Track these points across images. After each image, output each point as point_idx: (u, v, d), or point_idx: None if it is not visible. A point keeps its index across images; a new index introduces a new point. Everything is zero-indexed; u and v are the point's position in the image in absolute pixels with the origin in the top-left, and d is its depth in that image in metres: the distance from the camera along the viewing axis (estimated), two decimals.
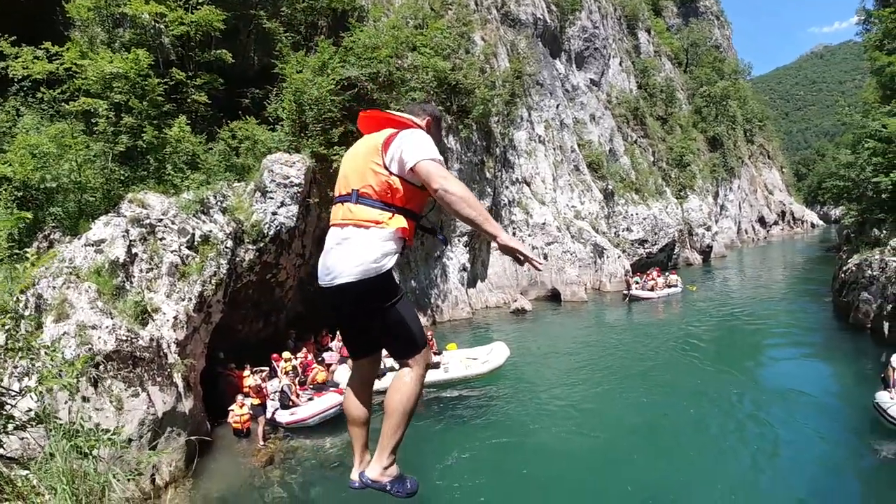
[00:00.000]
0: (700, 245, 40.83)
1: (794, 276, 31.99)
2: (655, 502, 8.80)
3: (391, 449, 2.66)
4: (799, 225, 63.59)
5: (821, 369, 15.28)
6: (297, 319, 16.78)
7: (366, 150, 2.48)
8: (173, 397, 8.82)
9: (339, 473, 9.89)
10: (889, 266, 15.76)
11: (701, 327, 21.29)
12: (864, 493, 9.14)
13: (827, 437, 10.86)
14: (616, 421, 12.29)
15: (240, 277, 12.42)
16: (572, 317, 24.95)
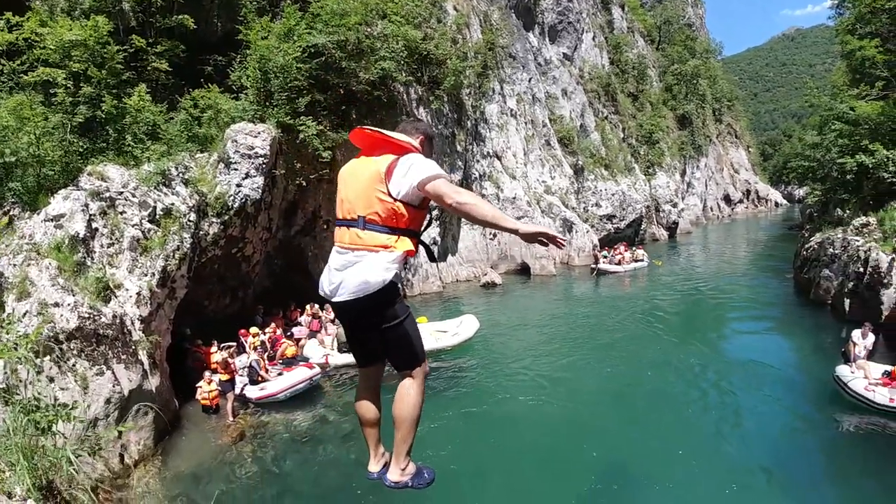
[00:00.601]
0: (666, 221, 41.75)
1: (757, 253, 33.05)
2: (620, 468, 9.13)
3: (405, 453, 2.91)
4: (763, 203, 65.36)
5: (782, 343, 15.94)
6: (264, 294, 16.62)
7: (369, 178, 2.61)
8: (139, 375, 8.69)
9: (310, 447, 10.03)
10: (851, 245, 16.34)
11: (666, 300, 21.96)
12: (824, 462, 9.55)
13: (788, 408, 11.36)
14: (583, 391, 12.67)
15: (204, 252, 12.18)
16: (541, 290, 25.38)
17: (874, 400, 10.33)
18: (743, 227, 48.47)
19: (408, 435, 2.87)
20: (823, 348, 14.53)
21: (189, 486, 8.36)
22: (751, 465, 9.06)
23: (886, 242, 14.90)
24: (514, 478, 8.74)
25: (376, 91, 18.72)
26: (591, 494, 8.32)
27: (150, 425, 8.99)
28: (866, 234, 16.07)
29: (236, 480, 8.82)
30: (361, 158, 2.77)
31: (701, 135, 51.17)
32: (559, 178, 32.19)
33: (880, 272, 14.30)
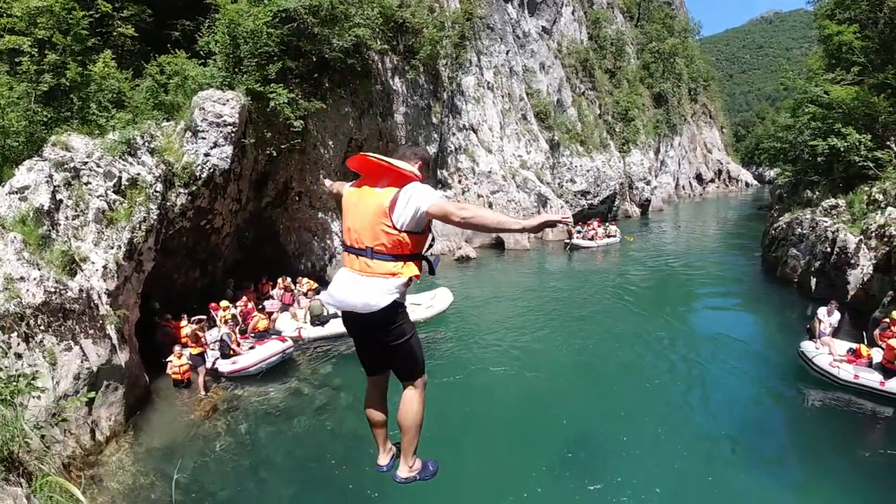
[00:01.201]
0: (639, 198, 42.38)
1: (727, 232, 33.85)
2: (590, 436, 9.46)
3: (412, 453, 3.28)
4: (734, 184, 66.66)
5: (748, 318, 16.47)
6: (235, 267, 16.42)
7: (374, 213, 2.78)
8: (107, 350, 8.54)
9: (284, 420, 10.09)
10: (819, 225, 16.80)
11: (637, 276, 22.46)
12: (788, 435, 9.91)
13: (754, 381, 11.78)
14: (555, 362, 12.97)
15: (172, 223, 11.91)
16: (515, 264, 25.68)
17: (839, 376, 10.67)
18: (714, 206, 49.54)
19: (413, 439, 3.23)
20: (789, 325, 15.06)
21: (162, 461, 8.34)
22: (716, 435, 9.41)
23: (854, 224, 15.39)
24: (487, 446, 8.94)
25: (350, 59, 18.38)
26: (561, 461, 8.60)
27: (121, 401, 8.88)
28: (835, 216, 16.57)
29: (210, 454, 8.83)
30: (364, 189, 2.92)
31: (676, 114, 51.69)
32: (535, 152, 32.26)
33: (847, 253, 14.81)
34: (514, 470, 8.20)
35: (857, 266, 14.45)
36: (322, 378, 12.13)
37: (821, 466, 8.47)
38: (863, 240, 14.55)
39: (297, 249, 19.89)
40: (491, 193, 29.11)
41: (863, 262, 14.33)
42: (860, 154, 16.96)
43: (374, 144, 22.07)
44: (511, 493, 7.61)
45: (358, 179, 3.02)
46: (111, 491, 7.38)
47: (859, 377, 10.48)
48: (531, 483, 7.91)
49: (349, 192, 3.01)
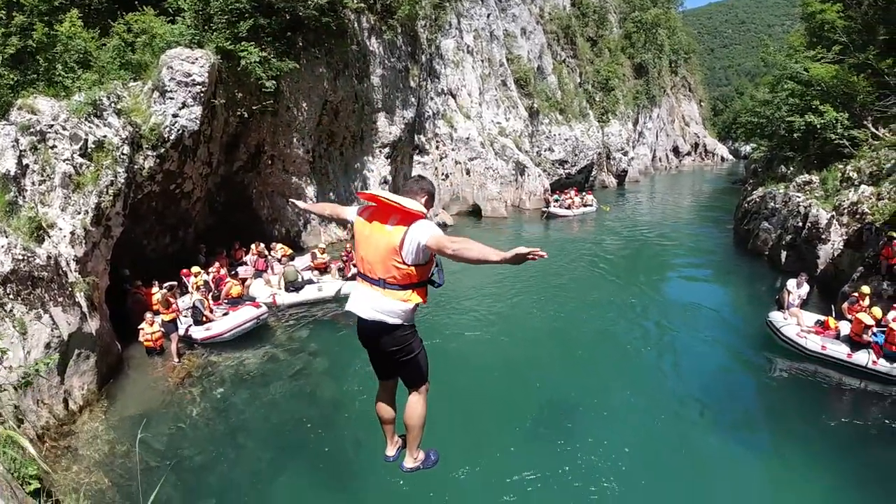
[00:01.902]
0: (616, 169, 42.70)
1: (701, 204, 34.43)
2: (562, 399, 9.75)
3: (416, 447, 3.78)
4: (710, 157, 67.39)
5: (719, 288, 16.94)
6: (207, 233, 16.17)
7: (385, 251, 3.16)
8: (77, 318, 8.41)
9: (259, 386, 10.13)
10: (792, 200, 17.21)
11: (612, 245, 22.90)
12: (755, 401, 10.31)
13: (722, 348, 12.20)
14: (530, 328, 13.28)
15: (140, 187, 11.62)
16: (492, 232, 25.87)
17: (806, 346, 11.09)
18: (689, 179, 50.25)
19: (417, 436, 3.72)
20: (758, 296, 15.56)
21: (137, 429, 8.26)
22: (686, 399, 9.78)
23: (827, 201, 15.80)
24: (461, 409, 9.06)
25: (325, 17, 17.91)
26: (534, 423, 8.90)
27: (93, 369, 8.80)
28: (808, 192, 16.99)
29: (185, 421, 8.85)
30: (375, 224, 3.23)
31: (656, 85, 51.71)
32: (514, 120, 32.10)
33: (818, 228, 15.25)
34: (487, 432, 8.41)
35: (827, 241, 14.92)
36: (297, 344, 12.18)
37: (786, 433, 8.84)
38: (835, 216, 14.99)
39: (270, 215, 19.65)
40: (469, 160, 29.02)
41: (834, 238, 14.80)
42: (836, 132, 17.27)
43: (349, 107, 21.70)
44: (485, 453, 7.84)
45: (367, 209, 3.34)
46: (86, 460, 7.37)
47: (827, 348, 10.86)
48: (504, 444, 8.16)
49: (360, 224, 3.32)
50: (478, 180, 29.37)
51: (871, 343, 10.46)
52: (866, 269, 12.75)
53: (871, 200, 14.24)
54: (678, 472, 7.78)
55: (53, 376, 7.80)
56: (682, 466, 7.92)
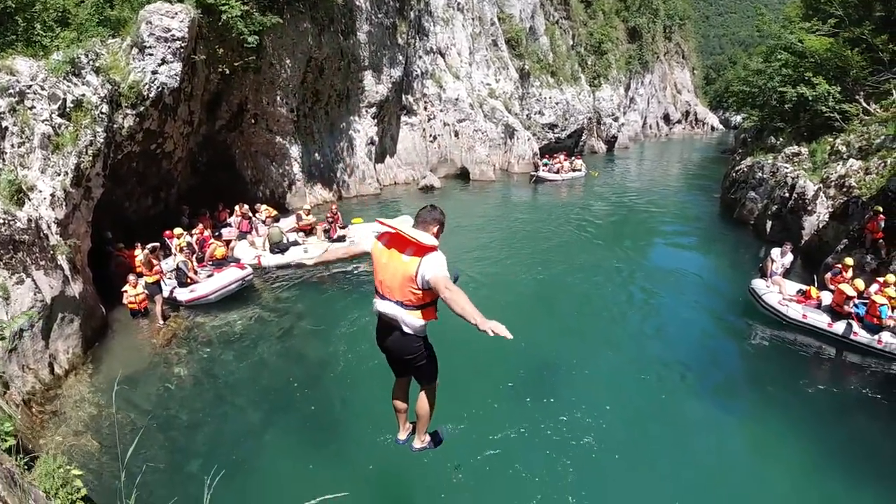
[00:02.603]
0: (606, 134, 42.57)
1: (689, 173, 34.58)
2: (546, 359, 9.98)
3: (424, 431, 4.54)
4: (700, 126, 67.25)
5: (704, 255, 17.21)
6: (189, 194, 16.00)
7: (402, 279, 3.68)
8: (60, 281, 8.37)
9: (245, 347, 10.23)
10: (780, 171, 17.44)
11: (600, 210, 23.10)
12: (735, 366, 10.54)
13: (706, 314, 12.51)
14: (516, 289, 13.52)
15: (120, 147, 11.40)
16: (480, 195, 25.93)
17: (787, 314, 11.36)
18: (678, 147, 50.29)
19: (425, 423, 4.45)
20: (742, 264, 15.89)
21: (123, 392, 8.30)
22: (667, 361, 10.07)
23: (815, 173, 16.03)
24: (445, 367, 9.21)
25: None
26: (517, 382, 9.10)
27: (77, 332, 8.82)
28: (796, 163, 17.20)
29: (171, 382, 8.94)
30: (393, 252, 3.75)
31: (649, 50, 51.12)
32: (504, 81, 31.70)
33: (805, 199, 15.50)
34: (472, 390, 8.54)
35: (813, 213, 15.18)
36: (283, 305, 12.25)
37: (764, 398, 9.14)
38: (822, 188, 15.21)
39: (254, 175, 19.44)
40: (457, 122, 28.75)
41: (819, 210, 15.05)
42: (828, 105, 17.37)
43: (334, 64, 21.28)
44: (469, 411, 8.02)
45: (385, 235, 3.85)
46: (73, 424, 7.44)
47: (807, 317, 11.15)
48: (488, 402, 8.37)
49: (379, 251, 3.84)
50: (466, 143, 29.18)
51: (851, 314, 10.74)
52: (850, 241, 13.03)
53: (859, 175, 14.46)
54: (658, 432, 8.07)
55: (38, 341, 7.81)
56: (662, 426, 8.21)
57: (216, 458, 7.03)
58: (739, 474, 7.26)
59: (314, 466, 6.88)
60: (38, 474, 2.90)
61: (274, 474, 6.84)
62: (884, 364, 10.18)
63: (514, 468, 6.94)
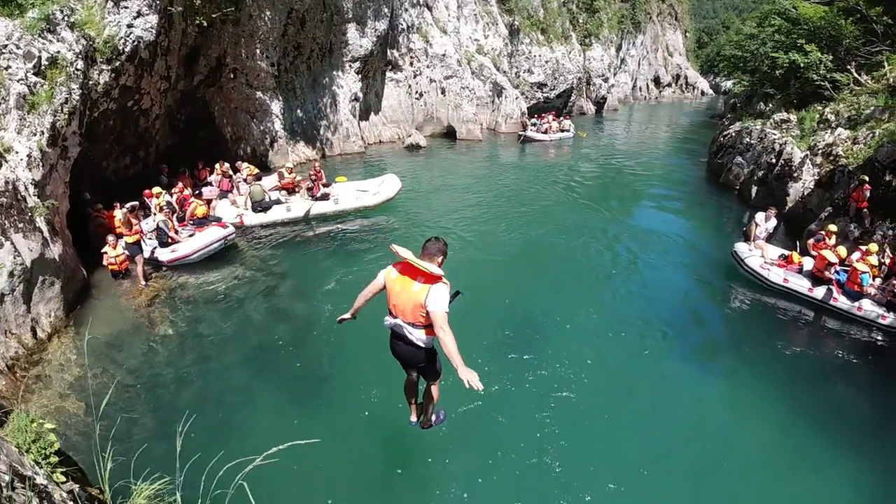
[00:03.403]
0: (596, 95, 42.20)
1: (677, 136, 34.57)
2: (529, 315, 10.24)
3: (430, 413, 5.53)
4: (690, 90, 66.67)
5: (688, 218, 17.43)
6: (169, 153, 15.77)
7: (414, 305, 4.38)
8: (39, 243, 8.31)
9: (229, 306, 10.31)
10: (767, 137, 17.60)
11: (587, 171, 23.25)
12: (715, 327, 10.81)
13: (688, 275, 12.83)
14: (502, 248, 13.73)
15: (95, 105, 11.14)
16: (467, 154, 25.82)
17: (768, 278, 11.65)
18: (667, 111, 50.08)
19: (432, 409, 5.48)
20: (725, 228, 16.24)
21: (107, 354, 8.45)
22: (649, 319, 10.38)
23: (802, 140, 16.19)
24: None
25: None
26: (501, 337, 9.34)
27: (59, 296, 8.81)
28: (784, 130, 17.35)
29: (155, 343, 9.01)
30: (405, 280, 4.43)
31: (642, 10, 50.23)
32: (493, 37, 31.13)
33: (791, 166, 15.71)
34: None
35: (799, 180, 15.41)
36: (266, 264, 12.30)
37: (743, 358, 9.44)
38: (809, 156, 15.40)
39: (234, 133, 19.16)
40: (444, 79, 28.34)
41: (805, 177, 15.28)
42: (819, 73, 17.45)
43: (316, 16, 20.75)
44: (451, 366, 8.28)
45: (399, 264, 4.51)
46: (58, 387, 7.51)
47: (788, 281, 11.44)
48: (472, 356, 8.32)
49: (393, 279, 4.52)
50: (453, 100, 28.84)
51: (832, 280, 11.00)
52: (834, 210, 13.30)
53: (847, 144, 14.64)
54: (638, 387, 8.39)
55: (19, 305, 7.81)
56: (642, 381, 8.53)
57: (201, 414, 7.12)
58: (716, 429, 7.59)
59: (299, 421, 7.07)
60: (10, 429, 2.93)
61: (259, 429, 7.00)
62: (862, 331, 10.50)
63: (497, 420, 7.22)
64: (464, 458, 6.50)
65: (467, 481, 6.33)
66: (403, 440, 6.94)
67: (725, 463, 6.89)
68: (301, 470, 6.24)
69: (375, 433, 7.05)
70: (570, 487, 6.32)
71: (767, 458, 7.05)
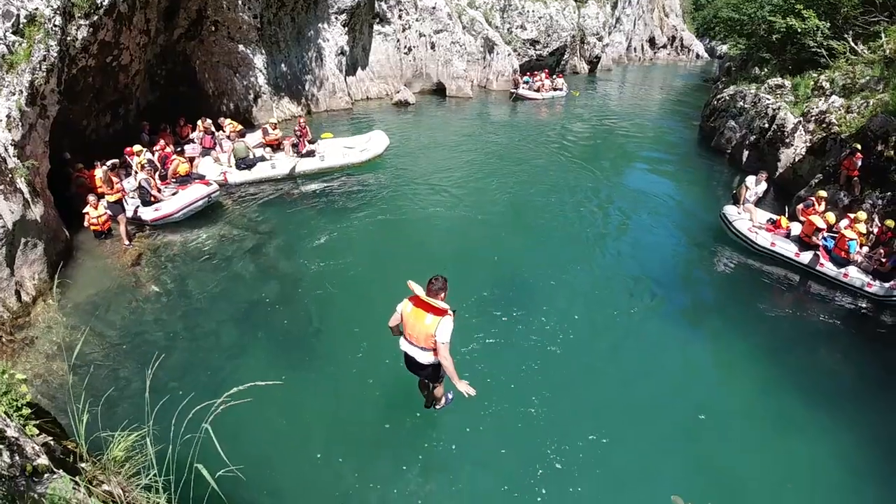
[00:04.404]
0: (589, 54, 41.55)
1: (670, 99, 34.37)
2: (518, 272, 10.54)
3: (441, 398, 6.58)
4: (685, 53, 65.48)
5: (679, 180, 17.64)
6: (150, 111, 15.54)
7: (425, 334, 5.43)
8: (20, 205, 8.29)
9: (214, 265, 10.44)
10: (761, 101, 17.63)
11: (578, 131, 23.28)
12: (701, 287, 11.19)
13: (677, 236, 13.12)
14: (490, 206, 13.95)
15: (74, 61, 10.92)
16: (456, 112, 25.70)
17: (756, 241, 11.87)
18: (661, 73, 49.47)
19: (440, 397, 6.55)
20: (715, 191, 16.48)
21: (92, 315, 8.55)
22: (637, 277, 10.75)
23: (796, 106, 16.25)
24: (416, 277, 9.61)
25: None
26: (489, 293, 9.59)
27: (42, 258, 8.85)
28: (778, 95, 17.37)
29: (140, 303, 9.11)
30: (419, 312, 5.45)
31: None
32: None
33: (784, 131, 15.81)
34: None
35: (790, 146, 15.56)
36: (251, 222, 12.36)
37: (728, 319, 9.78)
38: (802, 122, 15.50)
39: (216, 88, 18.86)
40: (434, 33, 27.83)
41: (797, 143, 15.41)
42: (815, 40, 17.45)
43: None
44: None
45: (414, 297, 5.46)
46: (45, 350, 7.62)
47: (776, 245, 11.67)
48: (460, 312, 8.78)
49: (408, 312, 5.52)
50: (443, 56, 28.40)
51: (819, 246, 11.23)
52: (825, 177, 13.49)
53: (840, 112, 14.73)
54: (623, 343, 8.77)
55: (2, 268, 7.86)
56: (627, 339, 8.87)
57: (189, 372, 7.32)
58: (699, 387, 7.94)
59: (287, 377, 7.30)
60: None
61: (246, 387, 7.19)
62: (846, 298, 10.78)
63: (484, 373, 7.48)
64: (451, 410, 6.76)
65: (454, 433, 6.64)
66: (391, 395, 7.19)
67: (707, 421, 7.21)
68: (291, 424, 6.60)
69: (364, 388, 7.26)
70: (552, 437, 6.65)
71: (748, 418, 7.38)
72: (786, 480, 6.43)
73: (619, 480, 6.23)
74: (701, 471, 6.52)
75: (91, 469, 2.63)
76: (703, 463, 6.64)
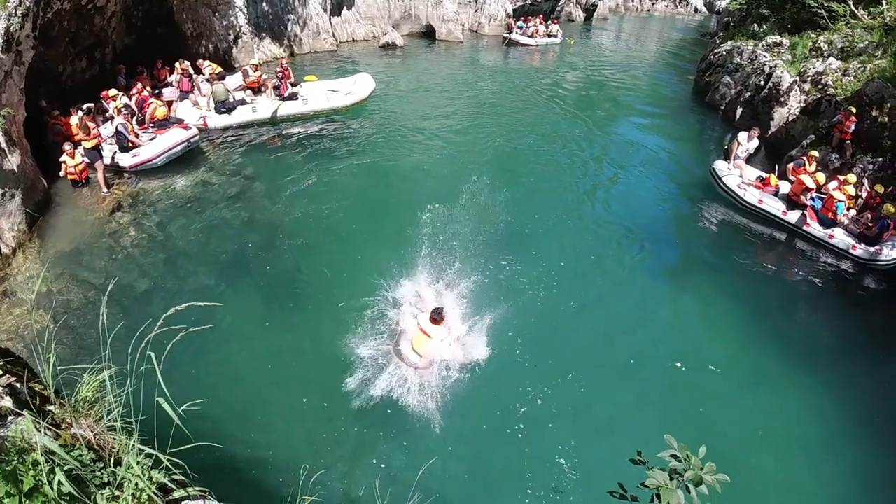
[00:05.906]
0: (586, 2, 40.56)
1: (667, 52, 33.90)
2: (507, 220, 10.75)
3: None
4: (684, 6, 64.00)
5: (670, 133, 17.75)
6: (126, 54, 15.20)
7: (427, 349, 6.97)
8: None
9: (195, 212, 10.54)
10: (758, 59, 17.60)
11: (571, 80, 23.17)
12: (689, 241, 11.52)
13: (667, 189, 13.44)
14: (477, 149, 14.19)
15: (49, 4, 10.62)
16: (446, 56, 25.36)
17: (744, 198, 12.12)
18: (658, 25, 48.53)
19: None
20: (706, 146, 16.69)
21: (73, 263, 8.69)
22: (625, 228, 11.14)
23: (793, 65, 16.27)
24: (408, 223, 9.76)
25: None
26: (475, 241, 9.75)
27: (20, 208, 8.90)
28: (776, 53, 17.35)
29: (120, 251, 9.23)
30: (423, 336, 6.98)
31: None
32: None
33: (779, 90, 15.87)
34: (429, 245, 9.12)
35: (785, 105, 15.66)
36: (232, 168, 12.37)
37: (711, 275, 10.18)
38: (798, 82, 15.57)
39: (195, 29, 18.41)
40: None
41: (791, 103, 15.52)
42: (816, 0, 17.33)
43: None
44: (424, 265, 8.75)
45: (419, 326, 7.07)
46: (26, 301, 7.75)
47: (763, 202, 11.93)
48: (447, 257, 9.06)
49: (418, 332, 7.06)
50: None
51: (807, 205, 11.51)
52: (817, 138, 13.68)
53: (837, 75, 14.82)
54: (608, 293, 9.20)
55: None
56: (612, 289, 9.32)
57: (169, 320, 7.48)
58: (682, 339, 8.40)
59: (270, 324, 7.53)
60: None
61: (230, 332, 7.46)
62: (831, 259, 11.13)
63: (466, 316, 7.83)
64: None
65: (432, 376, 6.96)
66: (370, 331, 7.50)
67: (687, 372, 7.66)
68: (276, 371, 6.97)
69: (344, 335, 7.46)
70: (536, 383, 7.06)
71: (728, 371, 7.82)
72: (758, 429, 6.92)
73: (598, 427, 6.67)
74: (679, 418, 6.98)
75: (59, 411, 2.61)
76: (680, 411, 7.10)
